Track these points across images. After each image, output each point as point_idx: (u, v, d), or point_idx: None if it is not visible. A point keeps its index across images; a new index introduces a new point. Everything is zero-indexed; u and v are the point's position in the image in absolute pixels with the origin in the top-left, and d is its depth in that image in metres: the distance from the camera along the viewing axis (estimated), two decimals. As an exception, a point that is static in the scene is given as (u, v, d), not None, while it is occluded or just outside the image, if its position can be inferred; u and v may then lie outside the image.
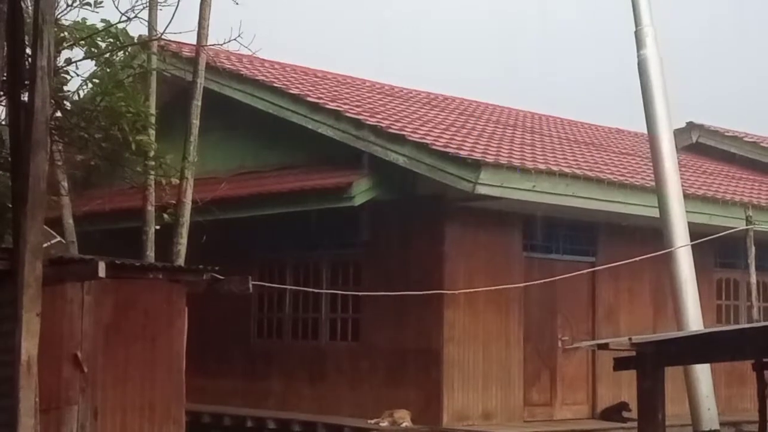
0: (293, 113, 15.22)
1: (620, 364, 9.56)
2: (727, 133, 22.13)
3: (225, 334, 16.14)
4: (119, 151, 11.41)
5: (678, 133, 18.42)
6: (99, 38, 11.23)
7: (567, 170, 14.19)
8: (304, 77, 17.92)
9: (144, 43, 12.17)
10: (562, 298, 15.45)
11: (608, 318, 16.01)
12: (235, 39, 11.47)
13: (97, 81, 11.62)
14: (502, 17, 50.05)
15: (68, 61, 11.24)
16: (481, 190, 13.09)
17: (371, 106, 16.41)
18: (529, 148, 15.98)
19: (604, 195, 14.31)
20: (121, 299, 10.01)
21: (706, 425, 11.89)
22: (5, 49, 8.92)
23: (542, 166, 13.99)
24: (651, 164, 13.21)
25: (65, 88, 11.35)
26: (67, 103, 11.43)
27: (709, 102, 35.31)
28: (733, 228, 14.35)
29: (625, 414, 14.66)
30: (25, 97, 8.78)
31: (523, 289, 14.36)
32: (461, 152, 13.46)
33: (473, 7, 50.49)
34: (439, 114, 17.71)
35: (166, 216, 12.03)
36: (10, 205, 9.01)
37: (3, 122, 10.65)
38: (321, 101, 15.21)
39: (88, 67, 11.75)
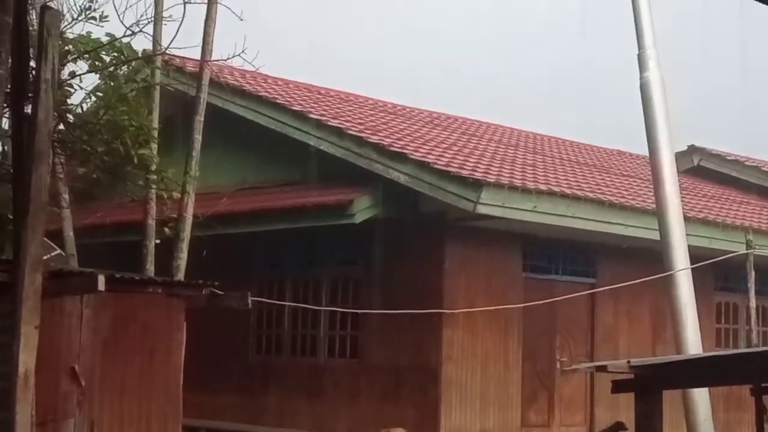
0: (295, 130, 15.25)
1: (618, 386, 9.52)
2: (728, 157, 22.18)
3: (223, 349, 16.12)
4: (121, 165, 11.41)
5: (679, 156, 18.42)
6: (103, 52, 11.27)
7: (568, 191, 14.20)
8: (307, 94, 17.96)
9: (148, 58, 12.20)
10: (562, 319, 15.45)
11: (607, 340, 15.99)
12: (238, 55, 11.51)
13: (100, 94, 11.66)
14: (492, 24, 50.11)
15: (72, 75, 11.27)
16: (482, 209, 13.10)
17: (373, 123, 16.44)
18: (531, 168, 16.00)
19: (604, 216, 14.33)
20: (119, 313, 9.97)
21: (703, 449, 11.85)
22: (10, 61, 8.93)
23: (543, 187, 14.01)
24: (652, 186, 13.20)
25: (69, 101, 11.39)
26: (71, 116, 11.45)
27: (711, 125, 35.29)
28: (733, 252, 14.35)
29: (622, 435, 14.62)
30: (28, 110, 8.79)
31: (523, 309, 14.34)
32: (463, 171, 13.48)
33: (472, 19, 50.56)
34: (441, 133, 17.74)
35: (166, 230, 12.03)
36: (11, 217, 9.01)
37: (6, 134, 10.66)
38: (323, 118, 15.24)
39: (92, 80, 11.78)
